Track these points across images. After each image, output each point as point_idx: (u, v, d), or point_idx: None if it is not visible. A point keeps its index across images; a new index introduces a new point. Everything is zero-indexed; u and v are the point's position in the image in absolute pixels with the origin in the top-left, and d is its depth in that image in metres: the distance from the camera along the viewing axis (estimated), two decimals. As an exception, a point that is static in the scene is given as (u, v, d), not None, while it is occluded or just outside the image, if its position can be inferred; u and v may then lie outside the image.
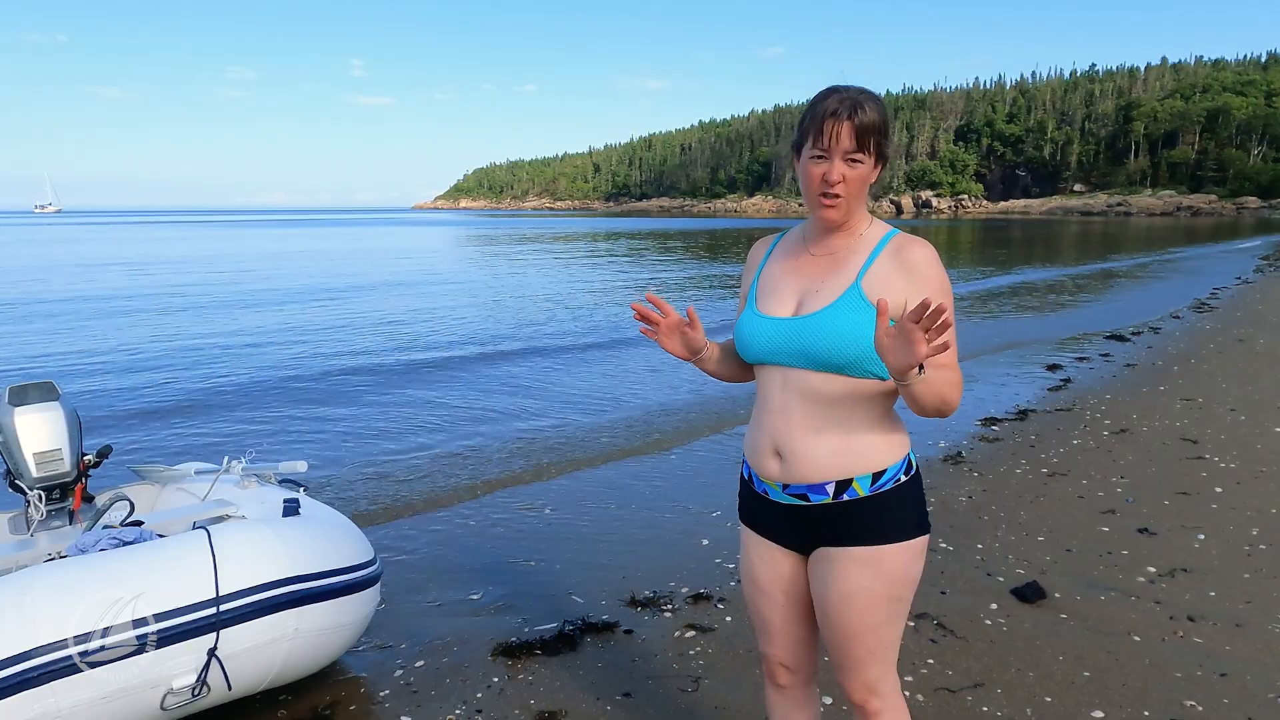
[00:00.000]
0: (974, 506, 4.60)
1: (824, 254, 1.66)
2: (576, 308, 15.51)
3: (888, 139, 1.59)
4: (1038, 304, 15.42)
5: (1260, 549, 3.86)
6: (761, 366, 1.70)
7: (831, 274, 1.62)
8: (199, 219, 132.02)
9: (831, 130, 1.53)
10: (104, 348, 11.12)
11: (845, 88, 1.56)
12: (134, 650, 2.21)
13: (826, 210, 1.59)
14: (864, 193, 1.61)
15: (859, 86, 1.57)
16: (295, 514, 2.76)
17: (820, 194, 1.58)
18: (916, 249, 1.58)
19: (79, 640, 2.15)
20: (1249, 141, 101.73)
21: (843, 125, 1.52)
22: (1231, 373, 8.00)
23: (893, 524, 1.60)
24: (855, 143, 1.53)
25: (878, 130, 1.55)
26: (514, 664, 3.04)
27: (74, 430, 3.21)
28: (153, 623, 2.24)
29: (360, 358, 10.31)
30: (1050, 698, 2.72)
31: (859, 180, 1.57)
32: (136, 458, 5.70)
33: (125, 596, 2.24)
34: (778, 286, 1.70)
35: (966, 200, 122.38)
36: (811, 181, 1.59)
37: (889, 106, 1.67)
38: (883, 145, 1.58)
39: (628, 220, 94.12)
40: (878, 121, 1.54)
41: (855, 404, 1.58)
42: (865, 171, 1.57)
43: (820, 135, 1.54)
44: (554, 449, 6.13)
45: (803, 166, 1.60)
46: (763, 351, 1.66)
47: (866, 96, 1.55)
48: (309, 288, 19.57)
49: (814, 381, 1.59)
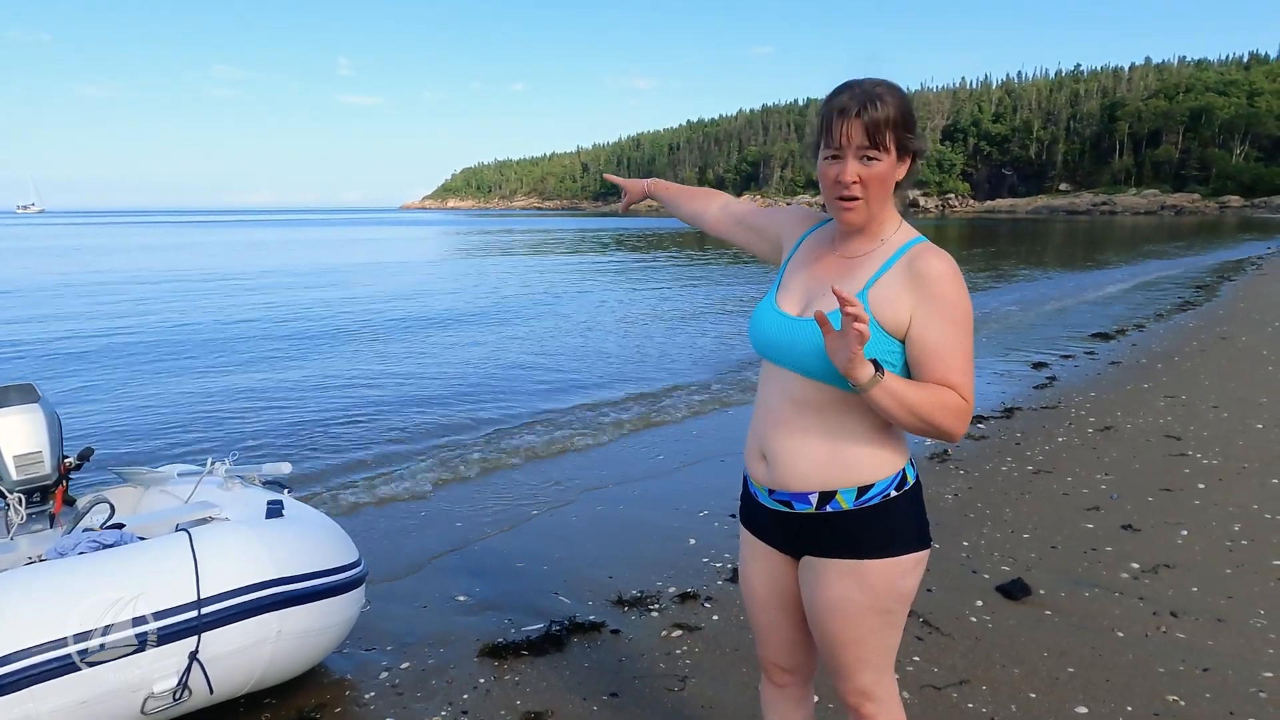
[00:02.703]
0: (960, 504, 4.62)
1: (843, 256, 1.59)
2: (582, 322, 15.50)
3: (911, 132, 1.50)
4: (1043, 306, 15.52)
5: (1242, 544, 3.90)
6: (764, 363, 1.67)
7: (843, 279, 1.55)
8: (185, 219, 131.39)
9: (842, 128, 1.46)
10: (90, 351, 11.03)
11: (860, 81, 1.49)
12: (114, 654, 2.19)
13: (845, 213, 1.52)
14: (886, 192, 1.51)
15: (876, 79, 1.50)
16: (279, 516, 2.74)
17: (836, 196, 1.51)
18: (932, 261, 1.48)
19: (59, 644, 2.13)
20: (1231, 141, 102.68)
21: (853, 123, 1.45)
22: (1214, 370, 8.08)
23: (880, 538, 1.56)
24: (868, 139, 1.45)
25: (894, 124, 1.46)
26: (500, 665, 3.03)
27: (54, 432, 3.18)
28: (133, 626, 2.22)
29: (341, 355, 10.26)
30: (1035, 694, 2.74)
31: (877, 179, 1.49)
32: (119, 460, 5.65)
33: (105, 600, 2.22)
34: (794, 282, 1.66)
35: (953, 199, 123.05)
36: (826, 183, 1.52)
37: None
38: (905, 139, 1.49)
39: (618, 220, 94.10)
40: (894, 115, 1.46)
41: (844, 415, 1.53)
42: (884, 169, 1.48)
43: (831, 134, 1.48)
44: (540, 448, 6.12)
45: (819, 169, 1.52)
46: (763, 344, 1.63)
47: (884, 89, 1.47)
48: (283, 283, 19.51)
49: (804, 388, 1.55)
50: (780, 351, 1.58)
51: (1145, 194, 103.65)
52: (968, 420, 1.47)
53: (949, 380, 1.46)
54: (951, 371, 1.46)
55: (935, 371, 1.47)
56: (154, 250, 35.67)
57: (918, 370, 1.50)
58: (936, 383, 1.47)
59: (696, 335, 11.89)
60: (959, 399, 1.45)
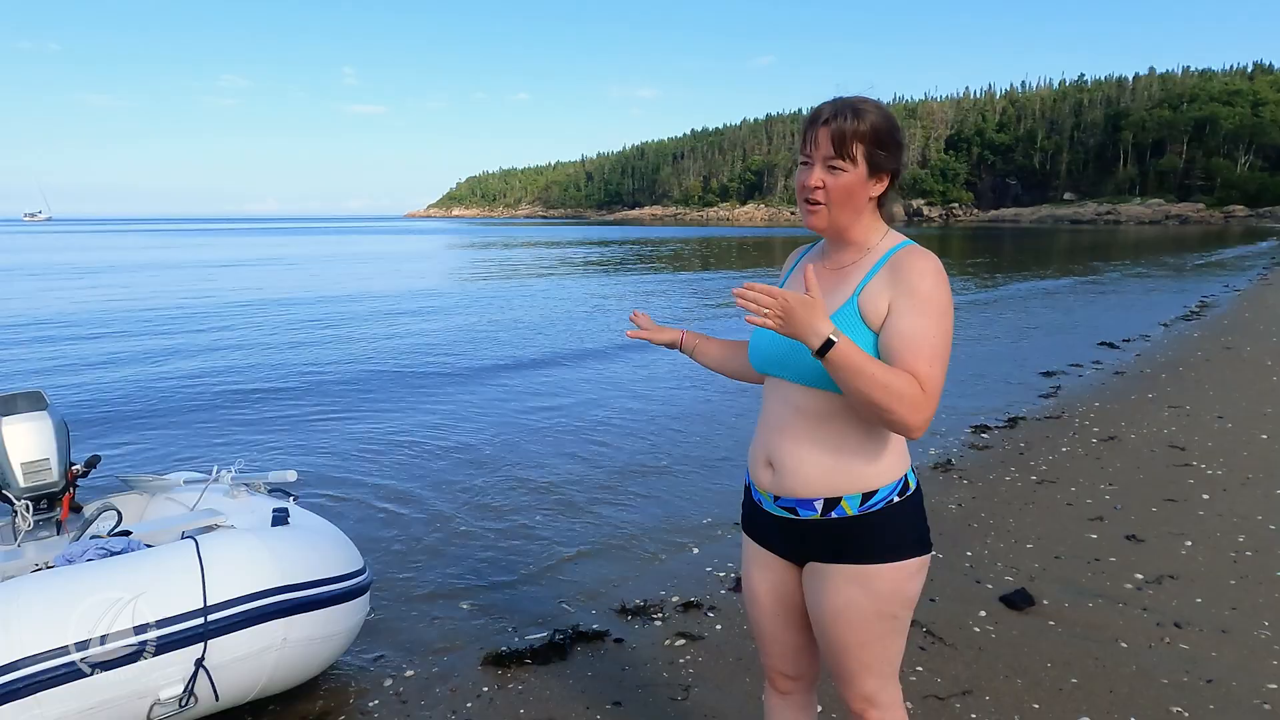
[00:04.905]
0: (963, 514, 4.62)
1: (834, 268, 1.64)
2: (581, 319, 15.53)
3: (885, 150, 1.53)
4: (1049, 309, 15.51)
5: (1246, 555, 3.89)
6: (766, 377, 1.71)
7: (834, 289, 1.59)
8: (193, 228, 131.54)
9: (812, 136, 1.53)
10: (94, 356, 11.07)
11: (845, 97, 1.54)
12: (121, 661, 2.20)
13: (809, 216, 1.59)
14: (851, 203, 1.55)
15: (864, 97, 1.53)
16: (284, 523, 2.76)
17: (803, 199, 1.58)
18: (914, 260, 1.52)
19: (65, 651, 2.15)
20: (1236, 151, 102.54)
21: (821, 130, 1.52)
22: (1219, 380, 8.06)
23: (884, 543, 1.58)
24: (834, 149, 1.50)
25: (864, 138, 1.50)
26: (504, 673, 3.04)
27: (62, 440, 3.20)
28: (139, 633, 2.23)
29: (348, 366, 10.28)
30: (1038, 704, 2.73)
31: (841, 189, 1.53)
32: (125, 467, 5.67)
33: (112, 607, 2.23)
34: None
35: (957, 209, 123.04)
36: (797, 186, 1.60)
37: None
38: (875, 155, 1.52)
39: (621, 229, 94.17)
40: (865, 130, 1.50)
41: (848, 423, 1.56)
42: (849, 181, 1.52)
43: (804, 142, 1.55)
44: (543, 457, 6.13)
45: (796, 173, 1.61)
46: (764, 362, 1.67)
47: (865, 105, 1.51)
48: (299, 299, 19.54)
49: (808, 397, 1.58)
50: (782, 366, 1.62)
51: (1150, 204, 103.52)
52: (922, 412, 1.42)
53: (914, 368, 1.44)
54: (919, 360, 1.45)
55: (902, 358, 1.46)
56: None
57: (888, 359, 1.49)
58: (902, 370, 1.45)
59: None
60: (916, 387, 1.42)
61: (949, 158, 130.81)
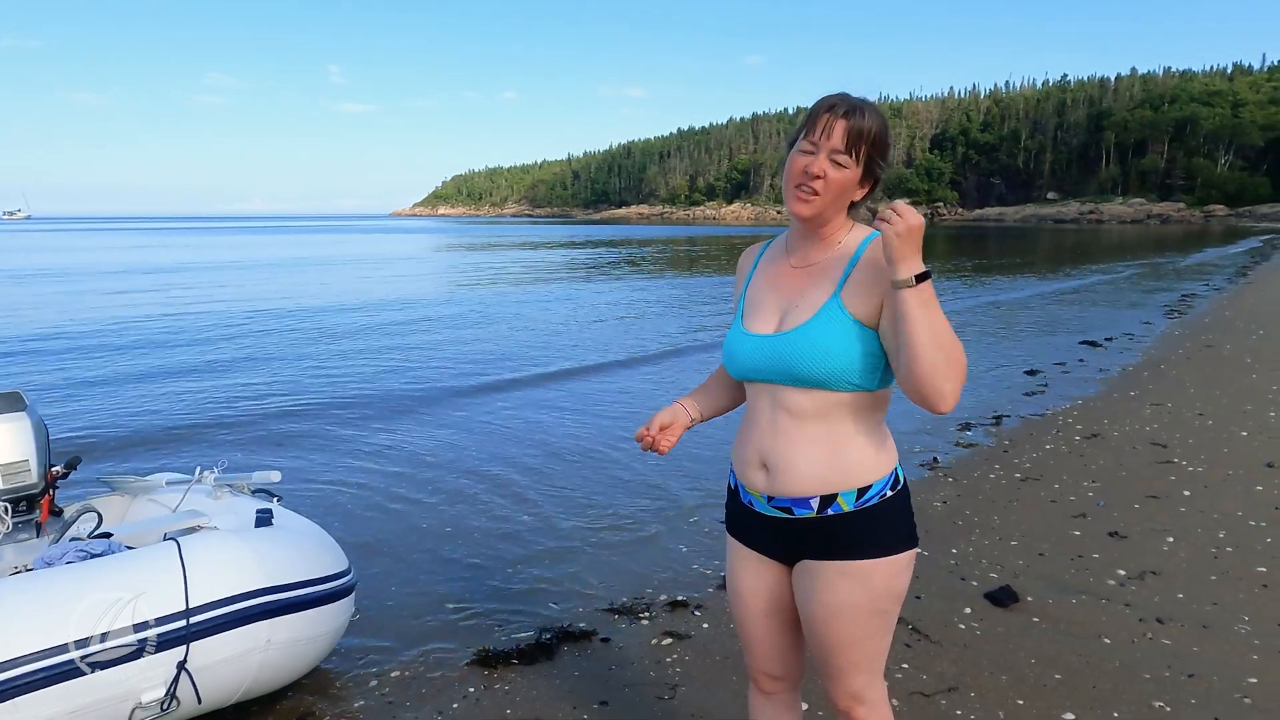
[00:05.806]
0: (948, 511, 4.65)
1: (804, 265, 1.64)
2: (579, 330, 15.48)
3: (883, 157, 1.55)
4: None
5: (1227, 551, 3.93)
6: (749, 382, 1.69)
7: (812, 287, 1.59)
8: (174, 226, 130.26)
9: (825, 124, 1.51)
10: (74, 350, 10.94)
11: (854, 96, 1.55)
12: (101, 664, 2.18)
13: (799, 203, 1.56)
14: (841, 199, 1.56)
15: (867, 99, 1.55)
16: (268, 524, 2.73)
17: (797, 185, 1.56)
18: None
19: (45, 655, 2.12)
20: (1216, 151, 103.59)
21: (837, 121, 1.51)
22: (1200, 378, 8.14)
23: (877, 538, 1.59)
24: (845, 142, 1.51)
25: (871, 140, 1.51)
26: (491, 673, 3.03)
27: (41, 441, 3.16)
28: (120, 636, 2.21)
29: (337, 371, 10.22)
30: (1022, 700, 2.75)
31: (839, 183, 1.53)
32: (107, 468, 5.61)
33: (92, 610, 2.21)
34: (762, 301, 1.68)
35: (942, 208, 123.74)
36: (793, 171, 1.56)
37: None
38: (874, 159, 1.54)
39: (608, 228, 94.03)
40: (874, 132, 1.51)
41: (841, 418, 1.57)
42: (847, 178, 1.53)
43: (814, 128, 1.53)
44: (527, 459, 6.11)
45: (789, 159, 1.57)
46: (748, 369, 1.65)
47: (870, 108, 1.53)
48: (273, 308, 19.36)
49: (799, 397, 1.58)
50: (767, 370, 1.61)
51: (1131, 203, 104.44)
52: (963, 378, 1.42)
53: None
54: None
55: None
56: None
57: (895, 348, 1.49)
58: None
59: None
60: (962, 354, 1.43)
61: (934, 157, 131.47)
